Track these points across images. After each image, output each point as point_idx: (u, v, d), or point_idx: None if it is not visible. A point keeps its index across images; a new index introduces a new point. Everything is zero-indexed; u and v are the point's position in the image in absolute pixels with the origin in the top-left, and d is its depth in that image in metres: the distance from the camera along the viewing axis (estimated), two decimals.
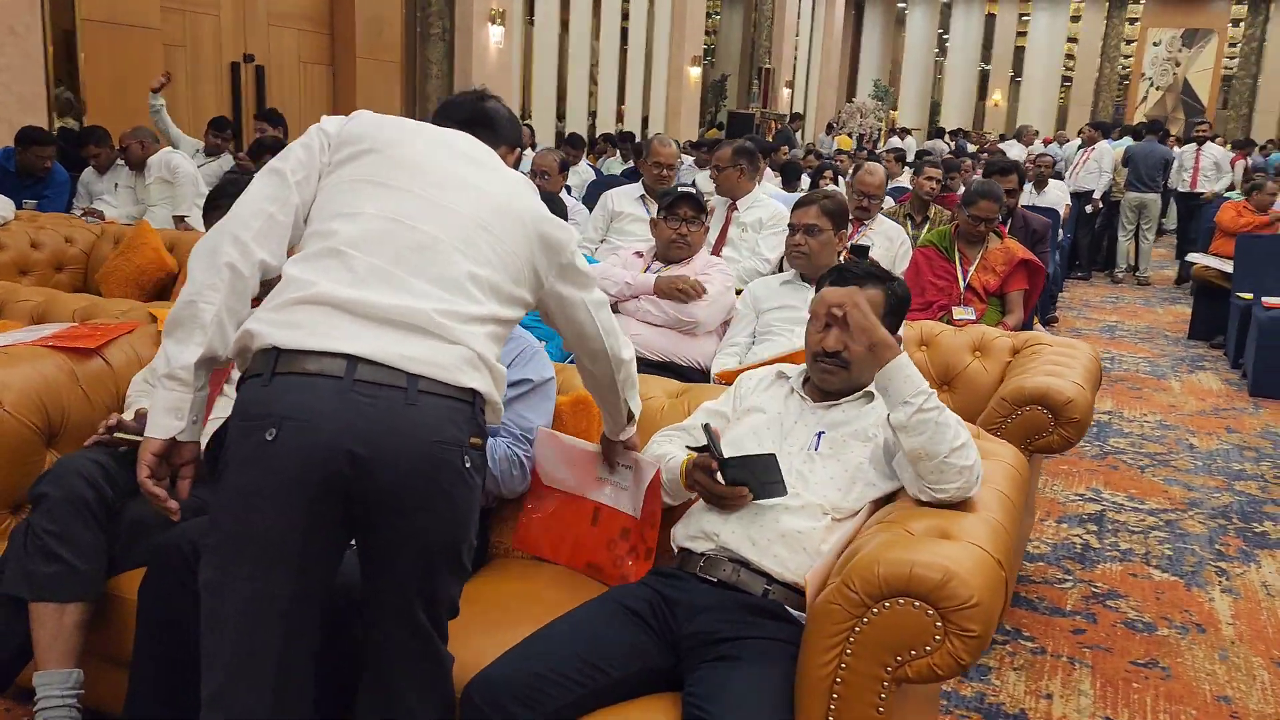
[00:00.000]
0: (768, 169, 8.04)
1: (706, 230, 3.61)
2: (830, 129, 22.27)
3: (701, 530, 1.88)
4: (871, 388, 1.97)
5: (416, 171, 1.60)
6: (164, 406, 1.51)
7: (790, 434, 1.97)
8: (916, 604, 1.47)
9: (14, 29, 6.59)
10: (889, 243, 4.42)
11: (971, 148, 18.84)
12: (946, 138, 20.09)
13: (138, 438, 2.07)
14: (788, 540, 1.79)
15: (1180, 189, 10.45)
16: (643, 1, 15.55)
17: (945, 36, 25.43)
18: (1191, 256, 7.33)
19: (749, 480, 1.81)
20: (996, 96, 24.92)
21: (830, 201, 3.21)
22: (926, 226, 5.14)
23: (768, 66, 18.67)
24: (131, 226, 4.74)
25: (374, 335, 1.44)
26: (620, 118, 15.34)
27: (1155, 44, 23.28)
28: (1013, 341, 3.21)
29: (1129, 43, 23.49)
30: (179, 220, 5.55)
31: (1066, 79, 24.25)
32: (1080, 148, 11.66)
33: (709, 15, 20.09)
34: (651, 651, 1.71)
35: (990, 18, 24.73)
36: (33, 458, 2.27)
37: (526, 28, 12.67)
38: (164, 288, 4.48)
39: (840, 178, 7.55)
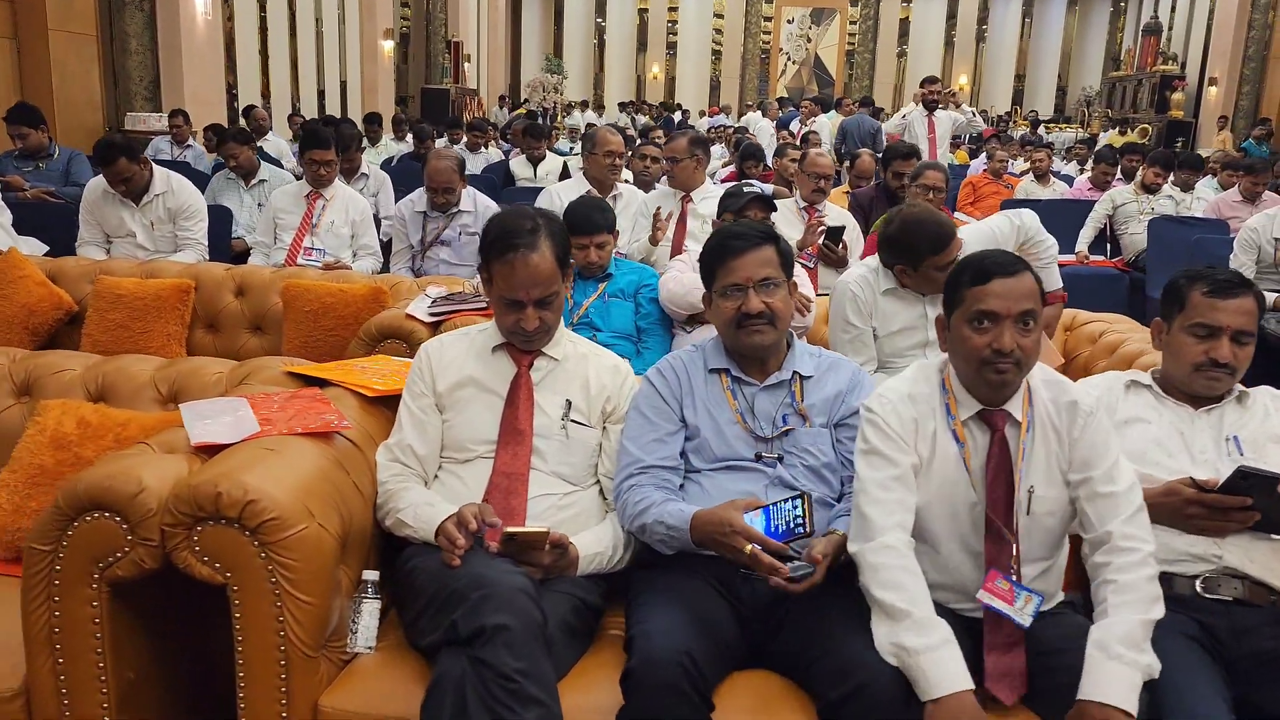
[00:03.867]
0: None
1: None
2: (502, 102, 22.22)
3: (1187, 553, 1.90)
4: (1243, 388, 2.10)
5: None
6: None
7: (1192, 443, 2.03)
8: None
9: None
10: (849, 225, 4.57)
11: (643, 119, 19.76)
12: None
13: (538, 530, 1.76)
14: (1277, 551, 1.87)
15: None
16: None
17: (601, 22, 26.13)
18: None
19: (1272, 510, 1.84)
20: (655, 70, 26.08)
21: None
22: None
23: (457, 39, 18.18)
24: None
25: None
26: (322, 95, 14.27)
27: (789, 21, 25.53)
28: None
29: (767, 19, 25.54)
30: None
31: (716, 53, 25.91)
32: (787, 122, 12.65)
33: None
34: (1225, 683, 1.73)
35: None
36: (334, 575, 1.79)
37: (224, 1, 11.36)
38: (60, 330, 3.61)
39: None
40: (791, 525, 1.76)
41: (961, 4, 24.52)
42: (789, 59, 25.77)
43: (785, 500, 1.80)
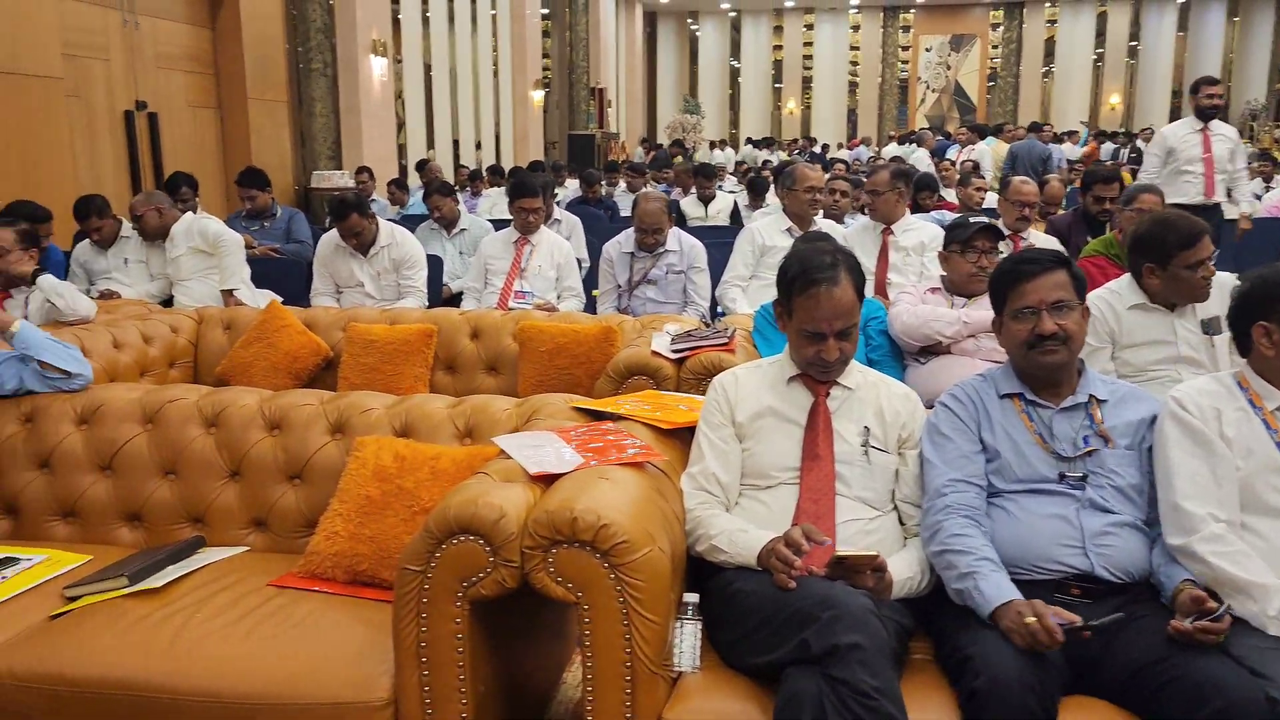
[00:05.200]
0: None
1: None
2: (644, 143, 22.70)
3: None
4: None
5: None
6: None
7: None
8: None
9: None
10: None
11: (781, 154, 19.84)
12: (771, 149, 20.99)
13: (868, 553, 1.81)
14: None
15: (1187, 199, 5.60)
16: (487, 29, 15.20)
17: (735, 64, 26.45)
18: None
19: None
20: (791, 105, 26.19)
21: None
22: None
23: (600, 86, 18.70)
24: (256, 310, 4.10)
25: None
26: (479, 145, 14.90)
27: (928, 50, 25.31)
28: None
29: (905, 49, 25.37)
30: (227, 295, 4.84)
31: (853, 85, 25.85)
32: (951, 150, 12.47)
33: None
34: None
35: (778, 29, 25.98)
36: (670, 596, 1.90)
37: (395, 62, 12.05)
38: (316, 375, 3.89)
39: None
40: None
41: (1111, 20, 23.82)
42: (928, 87, 25.50)
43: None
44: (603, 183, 8.93)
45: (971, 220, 3.47)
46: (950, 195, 7.63)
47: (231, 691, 1.92)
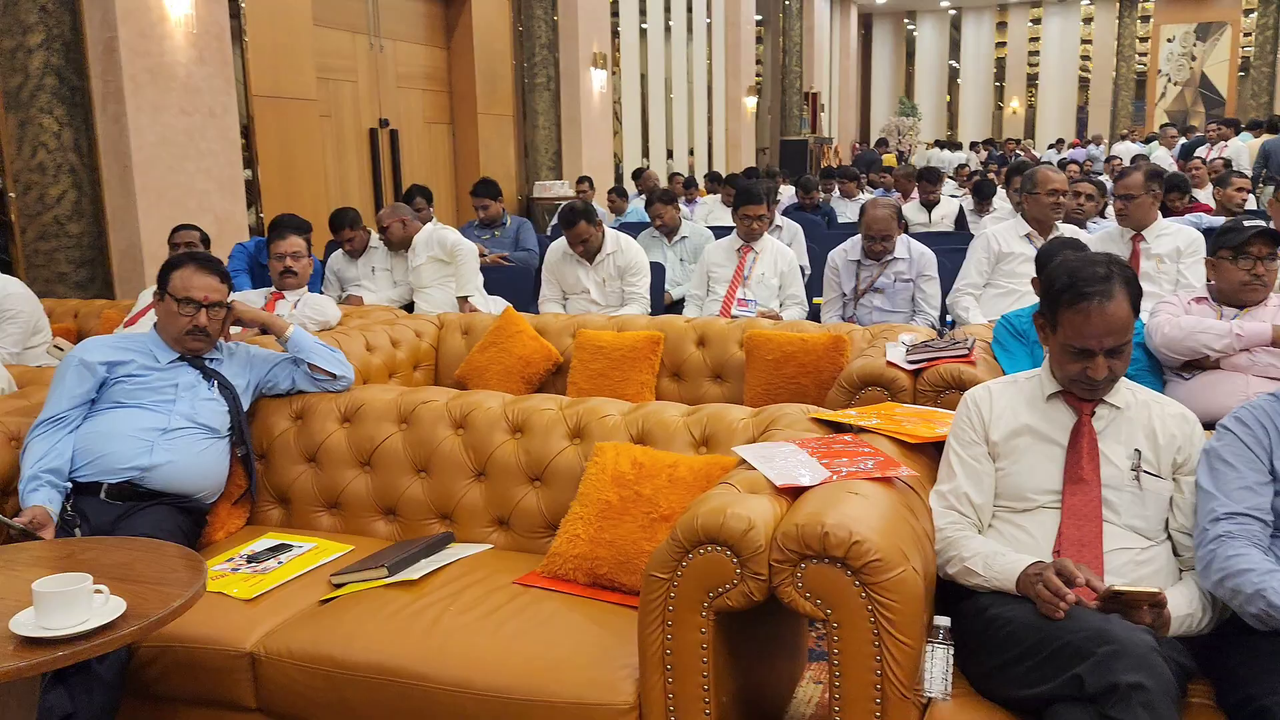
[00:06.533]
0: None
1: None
2: (861, 145, 22.28)
3: None
4: None
5: None
6: None
7: None
8: None
9: (213, 110, 6.12)
10: None
11: (979, 154, 18.89)
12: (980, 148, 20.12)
13: (1148, 590, 1.67)
14: None
15: None
16: (702, 38, 15.33)
17: (955, 64, 25.51)
18: None
19: None
20: (1014, 104, 25.02)
21: None
22: None
23: (814, 91, 18.49)
24: (491, 316, 4.29)
25: None
26: (692, 152, 15.05)
27: (1169, 40, 23.51)
28: None
29: (1143, 40, 23.70)
30: (463, 301, 5.08)
31: (1084, 80, 24.40)
32: (1199, 147, 11.50)
33: None
34: None
35: (1001, 26, 24.89)
36: (924, 619, 1.82)
37: (612, 73, 12.36)
38: (547, 380, 4.02)
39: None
40: None
41: None
42: (1169, 80, 23.69)
43: None
44: (819, 189, 8.80)
45: (1246, 224, 3.17)
46: (1203, 196, 7.04)
47: (483, 683, 2.00)
